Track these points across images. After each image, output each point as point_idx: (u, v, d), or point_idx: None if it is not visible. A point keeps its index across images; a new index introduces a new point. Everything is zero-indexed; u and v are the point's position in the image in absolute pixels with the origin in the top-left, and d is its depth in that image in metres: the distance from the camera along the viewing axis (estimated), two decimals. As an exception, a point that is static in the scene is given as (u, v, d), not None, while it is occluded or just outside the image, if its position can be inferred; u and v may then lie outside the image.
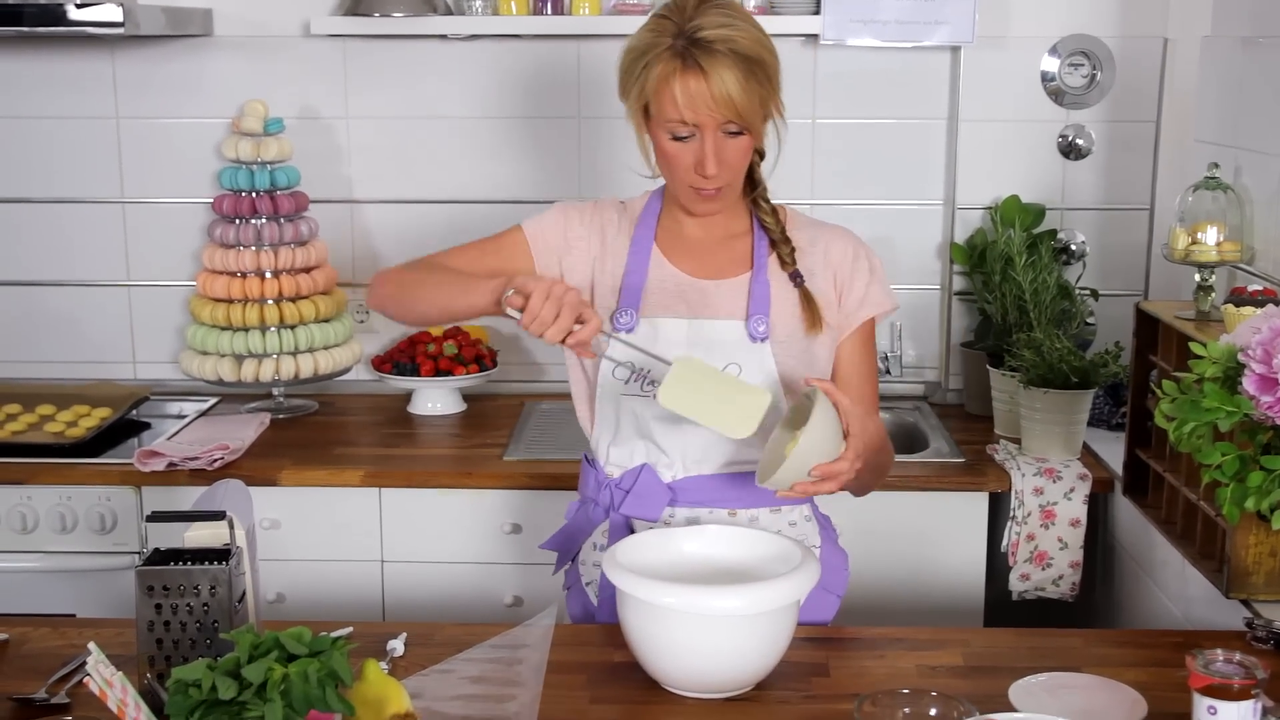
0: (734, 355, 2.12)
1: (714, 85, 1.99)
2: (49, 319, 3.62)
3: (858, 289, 2.18)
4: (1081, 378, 2.96)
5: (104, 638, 1.85)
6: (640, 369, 2.11)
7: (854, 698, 1.71)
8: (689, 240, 2.20)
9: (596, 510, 2.25)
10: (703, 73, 1.99)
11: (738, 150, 2.07)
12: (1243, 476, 1.86)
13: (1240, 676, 1.57)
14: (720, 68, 1.98)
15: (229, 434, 3.13)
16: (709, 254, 2.19)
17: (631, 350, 2.08)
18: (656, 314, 2.15)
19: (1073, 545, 2.93)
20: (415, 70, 3.48)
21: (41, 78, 3.51)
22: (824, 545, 2.25)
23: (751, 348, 2.12)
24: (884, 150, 3.48)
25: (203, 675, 1.48)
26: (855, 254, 2.20)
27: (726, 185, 2.09)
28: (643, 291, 2.16)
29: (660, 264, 2.18)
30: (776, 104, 2.10)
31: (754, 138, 2.07)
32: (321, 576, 3.04)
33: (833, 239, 2.21)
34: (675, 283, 2.17)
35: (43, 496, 3.00)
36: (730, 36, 1.99)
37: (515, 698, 1.81)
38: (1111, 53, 3.39)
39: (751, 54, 2.00)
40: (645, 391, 2.12)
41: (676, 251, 2.19)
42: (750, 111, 2.02)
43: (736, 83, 1.99)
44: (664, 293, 2.16)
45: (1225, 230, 2.72)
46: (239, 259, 3.31)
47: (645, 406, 2.14)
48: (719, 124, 2.02)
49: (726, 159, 2.05)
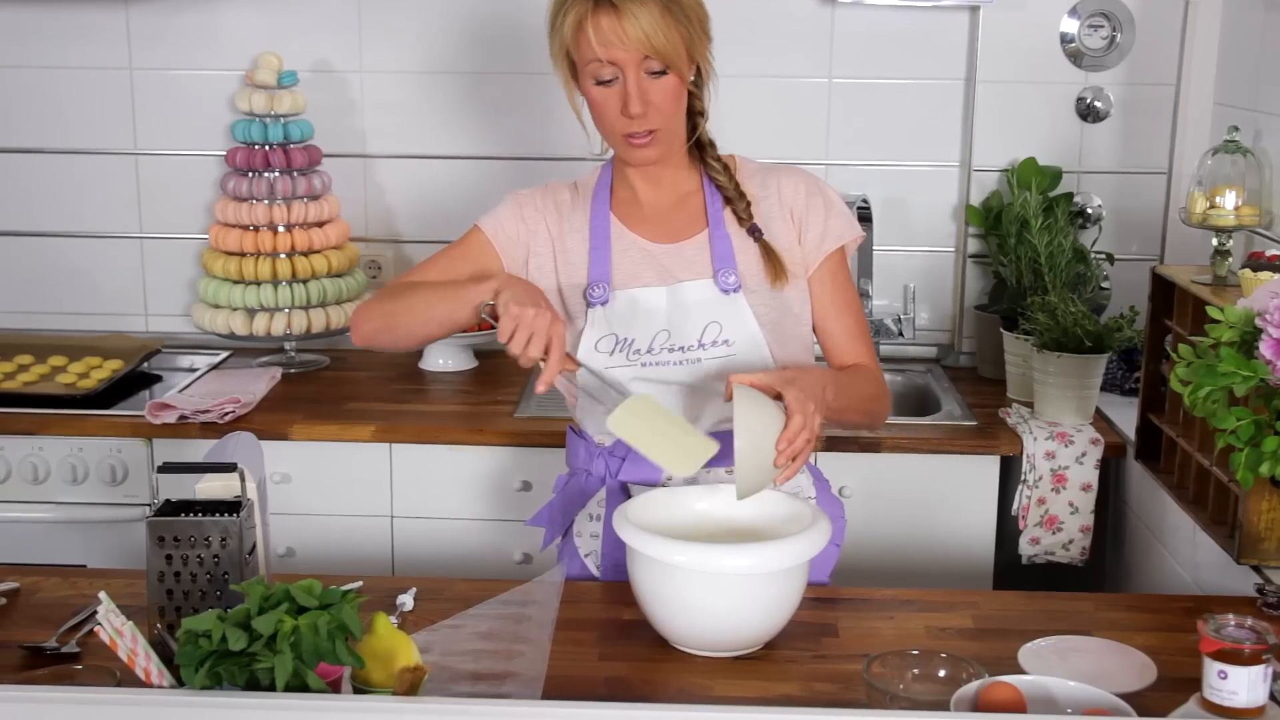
0: (713, 313, 2.11)
1: (626, 21, 1.99)
2: (61, 271, 3.62)
3: (815, 224, 2.17)
4: (1095, 342, 2.94)
5: (114, 588, 1.86)
6: (624, 339, 2.12)
7: (863, 658, 1.72)
8: (644, 206, 2.19)
9: (590, 480, 2.22)
10: (615, 10, 1.99)
11: (663, 91, 2.05)
12: (1258, 441, 1.84)
13: (1251, 641, 1.56)
14: (632, 3, 1.99)
15: (240, 388, 3.13)
16: (664, 217, 2.18)
17: (611, 327, 2.10)
18: (630, 285, 2.14)
19: (1084, 510, 2.92)
20: (430, 24, 3.46)
21: (55, 29, 3.49)
22: (819, 495, 2.24)
23: (726, 301, 2.11)
24: (900, 111, 3.46)
25: (213, 626, 1.49)
26: (808, 190, 2.18)
27: (660, 130, 2.08)
28: (610, 263, 2.15)
29: (621, 233, 2.17)
30: (702, 52, 2.09)
31: (679, 78, 2.05)
32: (331, 531, 3.04)
33: (784, 179, 2.20)
34: (640, 250, 2.16)
35: (54, 447, 3.00)
36: None
37: (524, 654, 1.82)
38: (1132, 14, 3.36)
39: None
40: (630, 361, 2.12)
41: (633, 218, 2.19)
42: (669, 49, 2.01)
43: (650, 17, 1.99)
44: (631, 261, 2.16)
45: (1244, 194, 2.70)
46: (251, 212, 3.30)
47: (629, 377, 2.12)
48: (638, 62, 2.02)
49: (653, 100, 2.04)
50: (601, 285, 2.14)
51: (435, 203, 3.56)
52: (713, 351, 2.11)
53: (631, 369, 2.12)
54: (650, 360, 2.12)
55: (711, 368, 2.11)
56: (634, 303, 2.13)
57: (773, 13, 3.40)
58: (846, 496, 2.95)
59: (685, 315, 2.11)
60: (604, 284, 2.14)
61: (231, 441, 2.04)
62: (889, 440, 2.93)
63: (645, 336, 2.12)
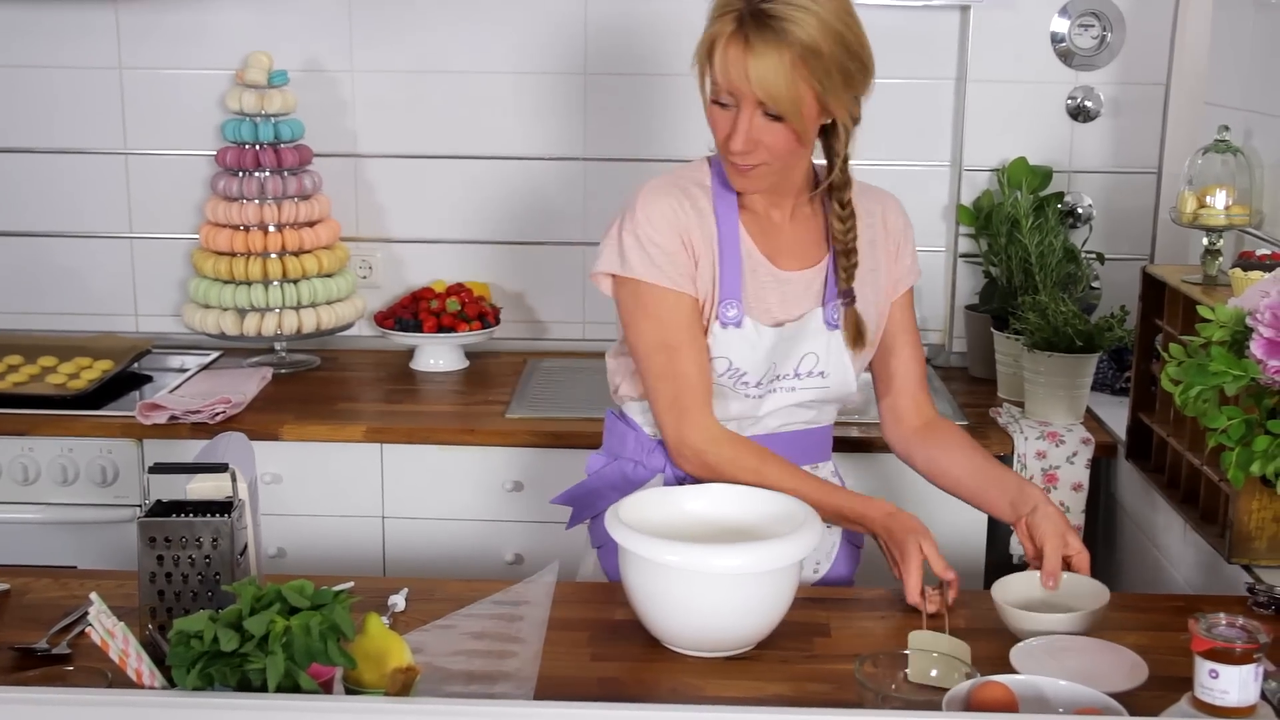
0: (812, 344, 2.12)
1: (752, 62, 1.91)
2: (51, 270, 3.61)
3: (905, 256, 2.22)
4: (1086, 341, 2.95)
5: (105, 589, 1.85)
6: (737, 369, 2.08)
7: (855, 658, 1.72)
8: (771, 225, 2.14)
9: (638, 470, 2.19)
10: (747, 46, 1.92)
11: (776, 135, 1.97)
12: (1248, 441, 1.85)
13: (1242, 640, 1.57)
14: (766, 46, 1.91)
15: (231, 388, 3.12)
16: (791, 240, 2.14)
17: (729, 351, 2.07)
18: (760, 315, 2.10)
19: (1075, 509, 2.92)
20: (421, 23, 3.45)
21: (45, 27, 3.49)
22: None
23: (828, 334, 2.13)
24: (891, 110, 3.45)
25: (204, 627, 1.48)
26: (905, 225, 2.23)
27: (763, 166, 2.02)
28: (741, 283, 2.09)
29: (751, 252, 2.10)
30: (841, 105, 2.00)
31: (798, 130, 1.97)
32: (323, 532, 3.04)
33: (888, 207, 2.22)
34: (769, 274, 2.11)
35: (44, 448, 3.00)
36: (793, 16, 1.90)
37: (516, 654, 1.82)
38: (1122, 14, 3.36)
39: (810, 42, 1.91)
40: (736, 390, 2.09)
41: (760, 234, 2.12)
42: (787, 101, 1.93)
43: (778, 67, 1.91)
44: (759, 285, 2.10)
45: (1234, 194, 2.70)
46: (242, 212, 3.29)
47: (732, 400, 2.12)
48: (755, 101, 1.94)
49: (763, 141, 1.97)
50: (735, 305, 2.07)
51: (426, 202, 3.55)
52: (807, 381, 2.13)
53: (736, 396, 2.12)
54: (755, 394, 2.12)
55: (804, 398, 2.15)
56: (760, 336, 2.09)
57: (764, 12, 3.39)
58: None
59: (790, 345, 2.11)
60: (737, 304, 2.08)
61: (222, 441, 2.04)
62: (879, 440, 2.91)
63: (756, 371, 2.10)
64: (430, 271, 3.58)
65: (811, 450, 2.23)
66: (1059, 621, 1.87)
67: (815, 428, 2.23)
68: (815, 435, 2.24)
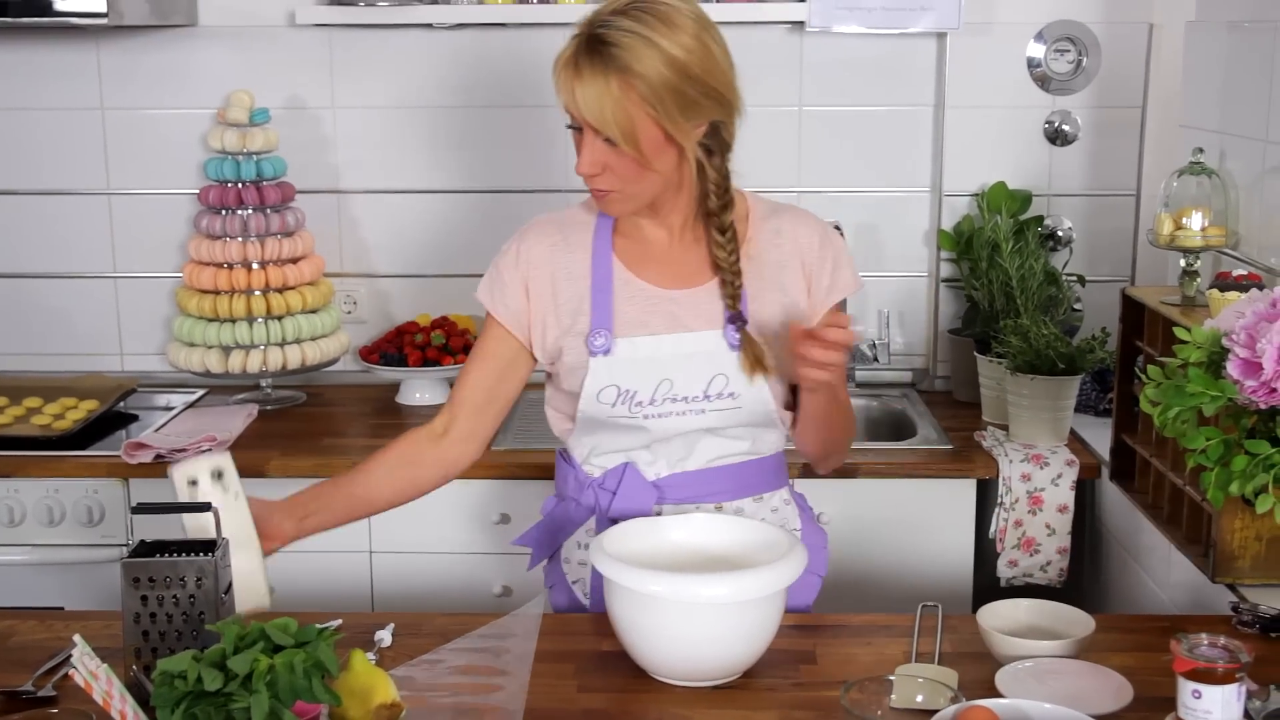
0: (719, 365, 2.07)
1: (579, 88, 1.92)
2: (35, 311, 3.61)
3: (824, 276, 2.13)
4: (1068, 364, 2.96)
5: (91, 630, 1.85)
6: (626, 390, 2.07)
7: (841, 684, 1.72)
8: (649, 245, 2.12)
9: (579, 509, 2.19)
10: (577, 71, 1.92)
11: (619, 161, 1.96)
12: (1227, 461, 1.86)
13: (1224, 660, 1.57)
14: (594, 72, 1.91)
15: (217, 425, 3.12)
16: (674, 259, 2.11)
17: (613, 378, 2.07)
18: (633, 332, 2.08)
19: (1060, 531, 2.93)
20: (401, 60, 3.47)
21: (26, 69, 3.50)
22: (804, 526, 2.24)
23: (734, 354, 2.07)
24: (870, 137, 3.48)
25: (188, 667, 1.48)
26: (821, 241, 2.14)
27: (618, 193, 2.00)
28: (612, 310, 2.09)
29: (626, 278, 2.10)
30: (680, 133, 1.96)
31: (639, 156, 1.95)
32: (310, 567, 3.03)
33: (799, 227, 2.14)
34: (645, 296, 2.09)
35: (30, 489, 2.99)
36: (622, 43, 1.90)
37: (503, 687, 1.81)
38: (1097, 38, 3.39)
39: (639, 69, 1.90)
40: (633, 414, 2.08)
41: (638, 261, 2.11)
42: (615, 126, 1.92)
43: (604, 93, 1.90)
44: (635, 308, 2.09)
45: (1210, 215, 2.72)
46: (225, 250, 3.30)
47: (630, 429, 2.10)
48: (592, 126, 1.95)
49: (611, 167, 1.97)
50: (603, 334, 2.07)
51: (409, 237, 3.57)
52: (718, 404, 2.08)
53: (633, 420, 2.09)
54: (653, 412, 2.08)
55: (716, 422, 2.09)
56: (636, 351, 2.07)
57: (742, 42, 3.38)
58: (825, 523, 2.95)
59: (690, 365, 2.07)
60: (606, 332, 2.07)
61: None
62: (866, 465, 2.94)
63: (648, 388, 2.07)
64: (414, 305, 3.58)
65: (755, 482, 2.18)
66: (1045, 648, 1.87)
67: (755, 459, 2.17)
68: (755, 467, 2.17)
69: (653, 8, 1.94)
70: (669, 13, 1.94)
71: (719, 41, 2.00)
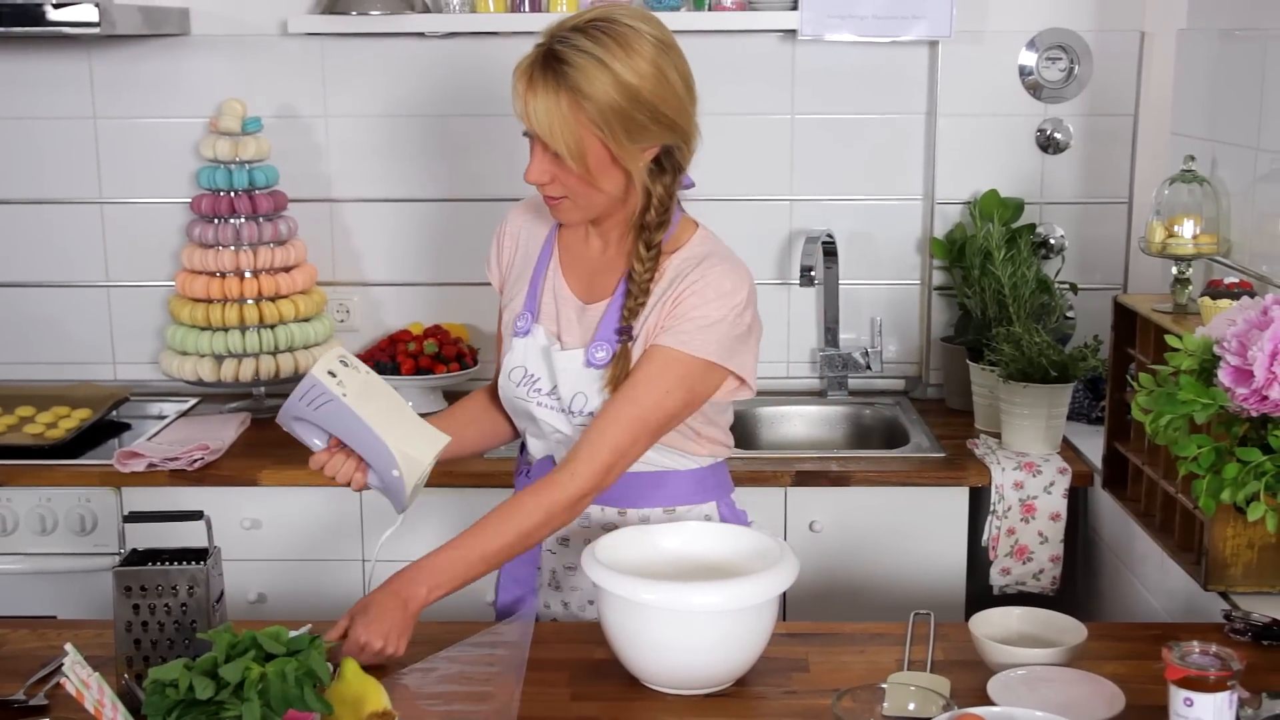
0: (578, 384, 2.09)
1: (531, 100, 1.95)
2: (28, 320, 3.61)
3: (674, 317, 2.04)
4: (1061, 372, 2.96)
5: (83, 639, 1.85)
6: (530, 374, 2.14)
7: (833, 693, 1.72)
8: (585, 253, 2.17)
9: None
10: (530, 83, 1.95)
11: (568, 175, 1.99)
12: (1219, 469, 1.86)
13: (1216, 668, 1.57)
14: (545, 86, 1.93)
15: (209, 434, 3.12)
16: (590, 274, 2.15)
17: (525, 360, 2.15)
18: (548, 325, 2.15)
19: (1053, 539, 2.93)
20: (393, 68, 3.47)
21: (18, 78, 3.50)
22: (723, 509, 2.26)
23: (591, 375, 2.08)
24: (863, 146, 3.49)
25: (180, 675, 1.48)
26: (698, 289, 2.03)
27: (566, 200, 2.03)
28: (539, 299, 2.17)
29: (555, 273, 2.17)
30: (626, 156, 1.97)
31: (585, 173, 1.97)
32: (304, 577, 3.03)
33: (703, 274, 2.05)
34: (561, 298, 2.15)
35: (22, 498, 2.99)
36: (575, 62, 1.92)
37: (495, 695, 1.81)
38: (1089, 46, 3.40)
39: (588, 90, 1.92)
40: (529, 398, 2.14)
41: (570, 262, 2.18)
42: (561, 142, 1.94)
43: (553, 109, 1.93)
44: (551, 304, 2.16)
45: (1202, 223, 2.72)
46: (218, 259, 3.30)
47: (531, 418, 2.16)
48: (541, 140, 1.98)
49: (559, 179, 2.00)
50: (527, 317, 2.16)
51: (402, 245, 3.56)
52: (579, 419, 2.10)
53: (530, 405, 2.15)
54: (546, 403, 2.13)
55: (579, 434, 2.09)
56: (545, 342, 2.14)
57: (735, 50, 3.43)
58: (817, 531, 2.96)
59: (560, 377, 2.11)
60: (530, 316, 2.15)
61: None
62: (858, 474, 2.95)
63: (548, 379, 2.13)
64: (407, 314, 3.58)
65: (675, 493, 2.17)
66: (1037, 655, 1.87)
67: (665, 471, 2.15)
68: (670, 478, 2.17)
69: (613, 29, 1.95)
70: (628, 35, 1.95)
71: (678, 67, 2.01)
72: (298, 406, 2.03)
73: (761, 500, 2.91)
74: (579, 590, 2.19)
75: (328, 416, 2.02)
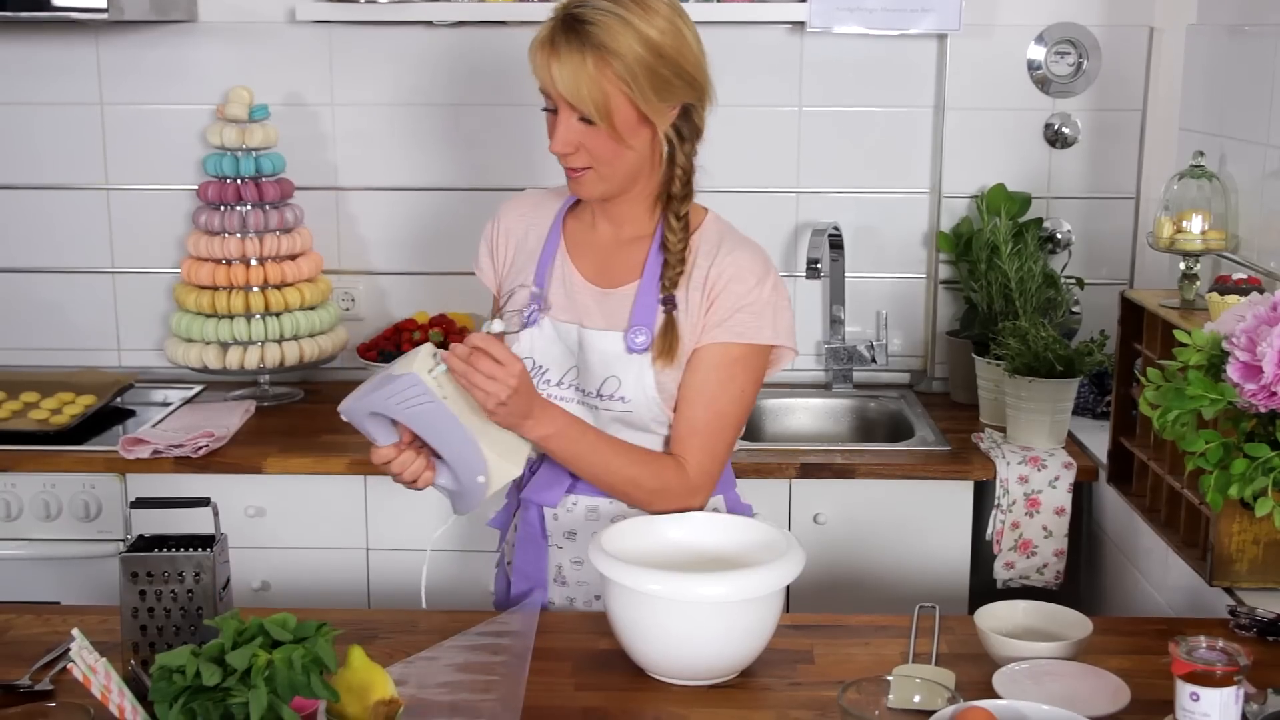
0: (613, 368, 2.08)
1: (555, 65, 1.95)
2: (33, 306, 3.61)
3: (721, 309, 2.06)
4: (1067, 366, 2.96)
5: (88, 625, 1.85)
6: (540, 365, 2.13)
7: (838, 685, 1.72)
8: (594, 240, 2.17)
9: (511, 490, 2.26)
10: (553, 49, 1.95)
11: (594, 139, 1.99)
12: (1226, 464, 1.85)
13: (1223, 663, 1.57)
14: (570, 49, 1.94)
15: (214, 421, 3.12)
16: (606, 258, 2.15)
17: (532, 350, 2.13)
18: (557, 315, 2.14)
19: (1057, 533, 2.93)
20: (400, 57, 3.47)
21: (25, 63, 3.49)
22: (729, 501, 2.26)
23: (630, 360, 2.07)
24: (870, 138, 3.48)
25: (187, 661, 1.48)
26: (736, 275, 2.07)
27: (591, 171, 2.04)
28: (547, 288, 2.16)
29: (564, 262, 2.16)
30: (654, 113, 1.99)
31: (613, 134, 1.98)
32: (307, 564, 3.03)
33: (732, 256, 2.08)
34: (571, 285, 2.14)
35: (27, 484, 2.99)
36: (597, 20, 1.93)
37: (500, 684, 1.82)
38: (1097, 41, 3.39)
39: (612, 45, 1.93)
40: (539, 389, 2.10)
41: (579, 251, 2.17)
42: (591, 102, 1.95)
43: (579, 70, 1.94)
44: (564, 293, 2.14)
45: (1210, 218, 2.72)
46: (224, 246, 3.30)
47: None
48: (568, 104, 1.98)
49: (585, 144, 2.00)
50: (534, 308, 2.15)
51: (408, 235, 3.56)
52: (609, 404, 2.09)
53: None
54: (557, 394, 2.12)
55: (606, 419, 2.10)
56: (556, 333, 2.13)
57: (743, 42, 3.42)
58: (821, 523, 2.96)
59: (590, 362, 2.10)
60: (537, 306, 2.15)
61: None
62: (863, 466, 2.95)
63: (559, 370, 2.13)
64: (413, 303, 3.58)
65: None
66: (1042, 649, 1.87)
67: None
68: None
69: None
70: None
71: (691, 27, 2.04)
72: (385, 404, 1.92)
73: (766, 492, 2.91)
74: (585, 584, 2.18)
75: (418, 416, 1.93)
